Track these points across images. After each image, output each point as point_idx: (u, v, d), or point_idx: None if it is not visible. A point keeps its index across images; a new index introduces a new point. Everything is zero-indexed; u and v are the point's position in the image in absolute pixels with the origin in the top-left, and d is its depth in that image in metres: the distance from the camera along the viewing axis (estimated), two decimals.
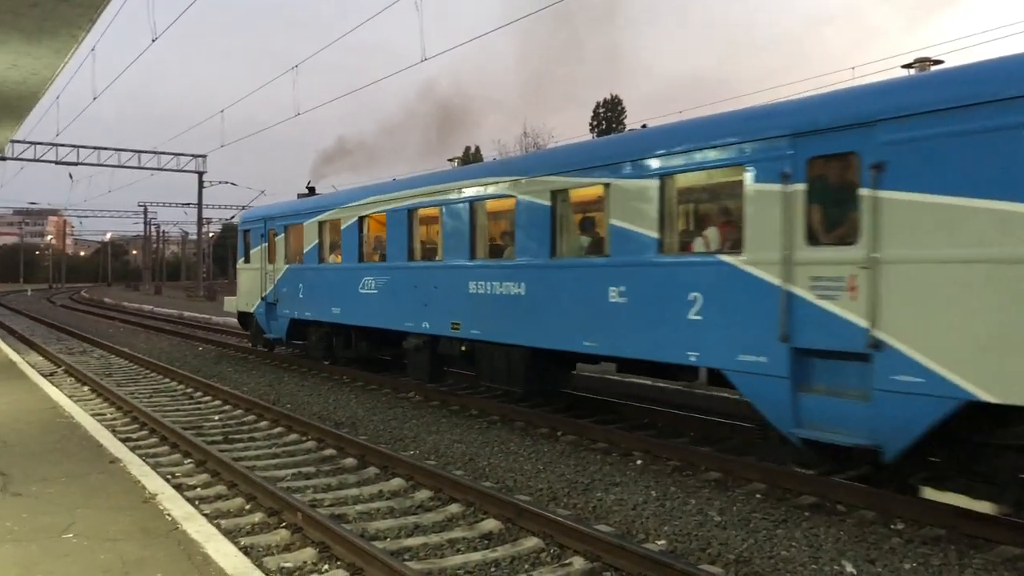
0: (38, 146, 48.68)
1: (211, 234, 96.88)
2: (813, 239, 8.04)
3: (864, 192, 7.52)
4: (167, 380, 17.43)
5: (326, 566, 6.57)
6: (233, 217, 66.98)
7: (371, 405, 13.99)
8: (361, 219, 16.31)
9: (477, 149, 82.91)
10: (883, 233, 7.39)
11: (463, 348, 13.70)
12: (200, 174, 57.53)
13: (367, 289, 15.94)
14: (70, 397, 13.64)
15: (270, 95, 30.41)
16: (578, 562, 6.65)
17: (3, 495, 7.47)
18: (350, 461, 10.14)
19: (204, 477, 9.33)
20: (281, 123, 28.98)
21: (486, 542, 7.24)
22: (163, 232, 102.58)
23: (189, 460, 10.12)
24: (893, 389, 7.22)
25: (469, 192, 13.14)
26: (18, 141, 44.65)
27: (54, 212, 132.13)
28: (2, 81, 15.47)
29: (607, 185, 10.48)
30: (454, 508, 8.12)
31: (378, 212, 15.80)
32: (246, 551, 6.48)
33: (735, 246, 8.95)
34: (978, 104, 6.82)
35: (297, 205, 19.78)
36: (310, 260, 18.33)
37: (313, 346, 18.74)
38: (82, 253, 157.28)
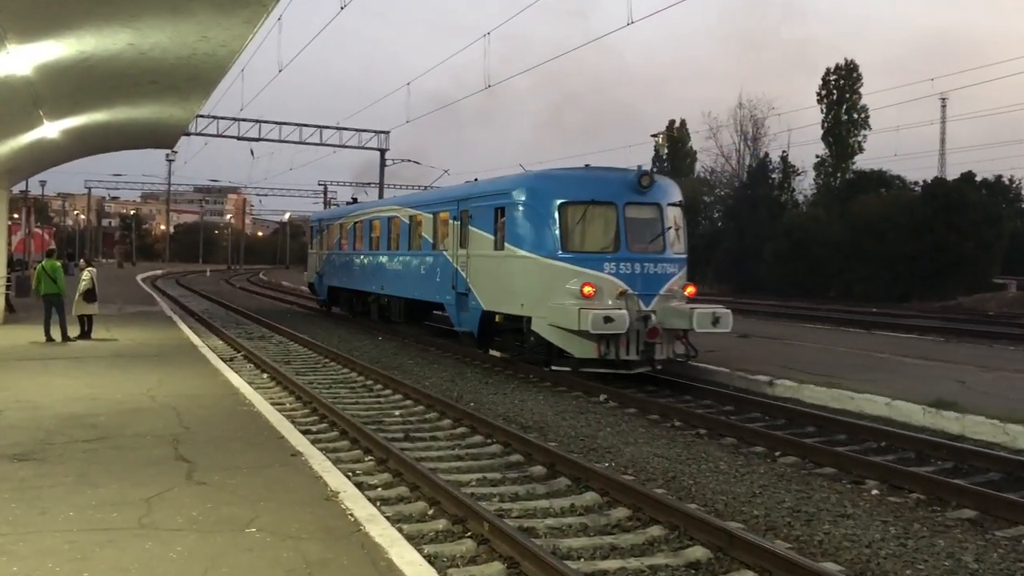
0: (221, 121, 52.50)
1: None
2: (462, 244, 19.73)
3: (469, 226, 19.31)
4: (346, 370, 18.39)
5: None
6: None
7: (561, 408, 14.14)
8: (354, 223, 30.09)
9: (683, 122, 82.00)
10: (470, 244, 19.28)
11: (385, 300, 26.76)
12: (382, 152, 59.66)
13: (355, 267, 29.51)
14: (250, 384, 14.62)
15: (458, 66, 31.34)
16: None
17: (187, 483, 8.10)
18: (538, 469, 10.27)
19: (385, 476, 9.72)
20: (471, 95, 31.80)
21: (692, 572, 7.12)
22: None
23: (370, 457, 10.59)
24: (472, 308, 19.12)
25: (387, 213, 26.53)
26: (202, 116, 48.21)
27: (234, 190, 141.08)
28: (191, 54, 16.67)
29: (423, 215, 22.87)
30: (655, 530, 8.04)
31: (358, 220, 29.71)
32: (430, 560, 6.66)
33: (447, 247, 20.75)
34: (487, 195, 18.85)
35: (331, 212, 37.42)
36: (335, 248, 32.38)
37: (341, 304, 32.44)
38: (260, 233, 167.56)
